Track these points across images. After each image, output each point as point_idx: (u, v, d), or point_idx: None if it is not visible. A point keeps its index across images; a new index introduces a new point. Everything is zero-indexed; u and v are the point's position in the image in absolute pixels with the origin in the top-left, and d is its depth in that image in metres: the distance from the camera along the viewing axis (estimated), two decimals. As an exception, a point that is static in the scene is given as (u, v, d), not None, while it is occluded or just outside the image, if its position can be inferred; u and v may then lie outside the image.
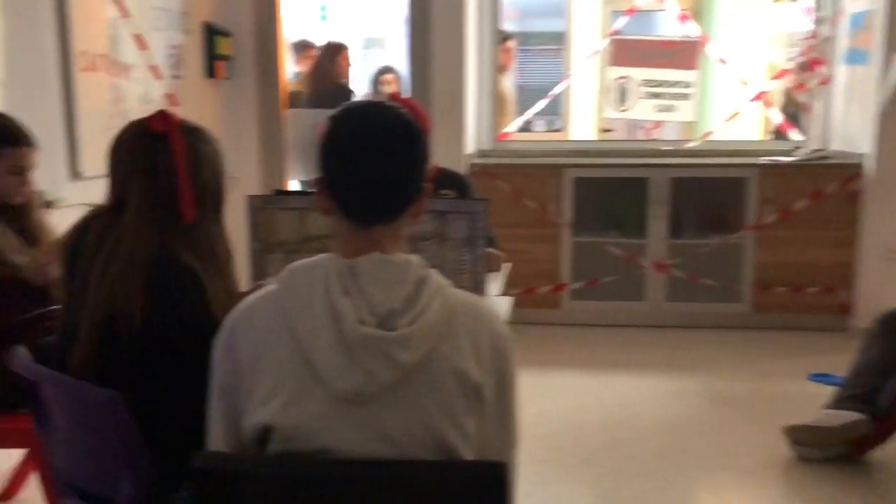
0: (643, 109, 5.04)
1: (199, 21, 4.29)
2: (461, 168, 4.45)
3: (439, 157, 4.68)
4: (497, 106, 5.13)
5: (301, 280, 1.21)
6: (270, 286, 1.25)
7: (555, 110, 6.87)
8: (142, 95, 3.70)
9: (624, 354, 4.32)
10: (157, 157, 1.57)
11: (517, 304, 4.14)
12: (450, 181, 2.95)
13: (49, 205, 3.00)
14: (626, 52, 5.01)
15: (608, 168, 4.78)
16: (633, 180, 4.69)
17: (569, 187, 4.68)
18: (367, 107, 1.32)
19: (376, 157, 1.22)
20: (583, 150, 5.15)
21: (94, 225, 1.60)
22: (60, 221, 2.17)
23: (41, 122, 3.04)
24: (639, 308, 4.74)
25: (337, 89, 4.98)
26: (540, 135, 7.01)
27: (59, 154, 3.19)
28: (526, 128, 5.72)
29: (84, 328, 1.54)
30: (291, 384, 1.17)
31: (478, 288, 2.41)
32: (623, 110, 5.08)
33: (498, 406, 1.24)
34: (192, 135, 1.62)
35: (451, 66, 4.65)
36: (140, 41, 3.67)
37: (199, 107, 4.25)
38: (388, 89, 5.46)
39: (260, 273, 2.32)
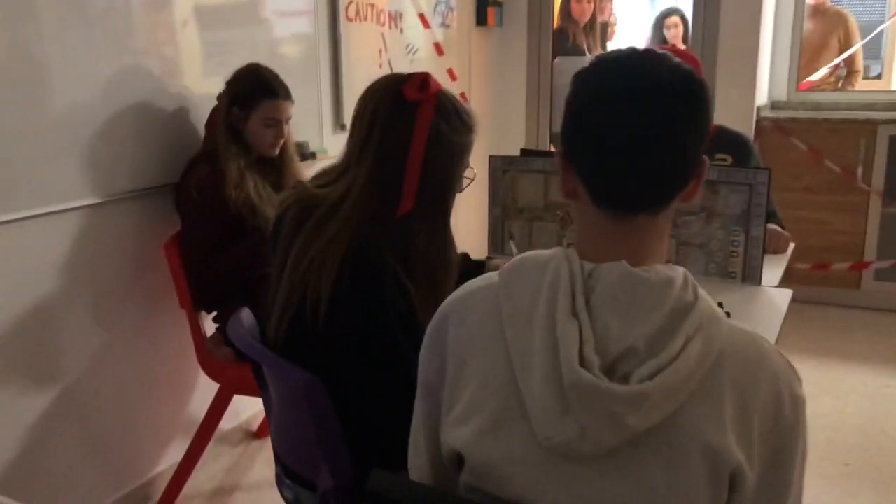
0: None
1: (472, -35, 4.14)
2: (747, 125, 3.91)
3: (719, 111, 4.16)
4: (800, 50, 4.42)
5: (526, 280, 0.95)
6: (493, 275, 1.02)
7: (875, 54, 5.88)
8: (408, 45, 3.65)
9: (941, 352, 3.60)
10: (397, 125, 1.40)
11: (805, 281, 3.56)
12: (727, 143, 2.48)
13: (312, 156, 3.05)
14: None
15: (938, 125, 3.97)
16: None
17: (884, 148, 3.98)
18: (628, 57, 0.96)
19: (644, 124, 0.90)
20: (906, 102, 4.31)
21: (301, 198, 1.49)
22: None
23: (310, 75, 3.09)
24: (965, 297, 3.95)
25: (554, 34, 4.50)
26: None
27: (326, 105, 3.23)
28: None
29: (279, 304, 1.46)
30: (493, 406, 0.94)
31: (752, 275, 2.03)
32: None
33: (765, 492, 0.90)
34: (445, 115, 1.42)
35: (745, 1, 4.05)
36: (409, -12, 3.61)
37: (467, 56, 4.13)
38: (672, 33, 4.97)
39: (498, 243, 2.13)
